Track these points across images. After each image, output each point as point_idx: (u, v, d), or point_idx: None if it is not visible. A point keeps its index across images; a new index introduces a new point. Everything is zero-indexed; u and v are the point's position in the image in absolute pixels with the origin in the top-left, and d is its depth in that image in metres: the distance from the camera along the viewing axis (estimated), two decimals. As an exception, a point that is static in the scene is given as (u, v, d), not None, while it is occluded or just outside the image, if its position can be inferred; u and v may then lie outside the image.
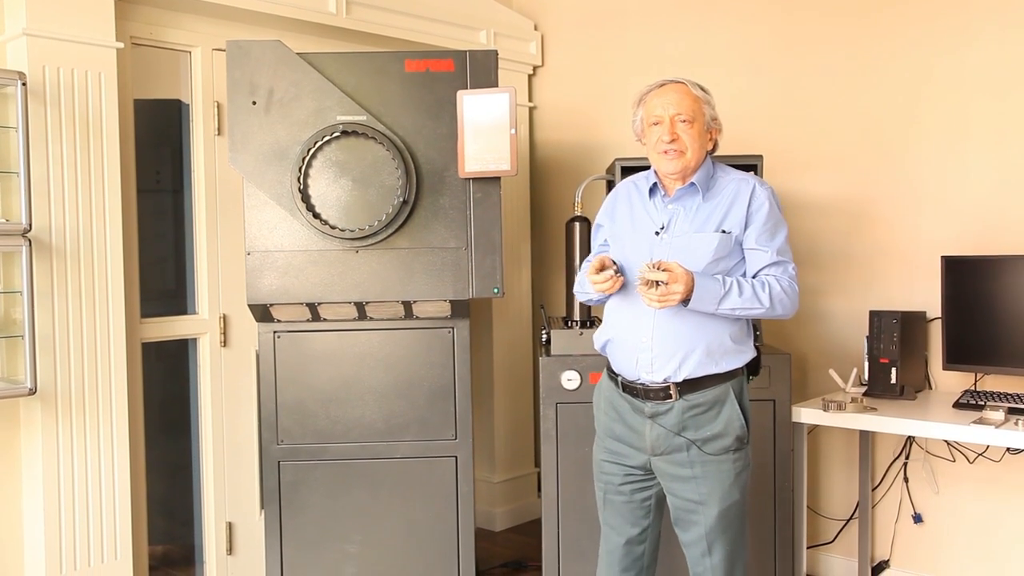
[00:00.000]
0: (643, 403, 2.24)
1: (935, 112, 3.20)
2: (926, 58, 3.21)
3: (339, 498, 2.98)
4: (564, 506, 3.02)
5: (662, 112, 2.21)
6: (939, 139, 3.20)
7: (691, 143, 2.20)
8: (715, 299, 2.13)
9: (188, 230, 3.30)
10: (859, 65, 3.36)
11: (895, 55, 3.28)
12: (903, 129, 3.27)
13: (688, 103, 2.21)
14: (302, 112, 2.83)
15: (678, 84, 2.25)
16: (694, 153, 2.21)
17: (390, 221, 2.82)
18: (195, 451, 3.33)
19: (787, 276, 2.21)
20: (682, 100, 2.21)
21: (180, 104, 3.28)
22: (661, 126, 2.21)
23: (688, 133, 2.20)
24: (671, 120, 2.20)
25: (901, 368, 3.01)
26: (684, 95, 2.22)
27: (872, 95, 3.34)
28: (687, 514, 2.26)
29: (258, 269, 2.84)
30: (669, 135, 2.19)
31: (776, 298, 2.17)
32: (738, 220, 2.21)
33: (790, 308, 2.21)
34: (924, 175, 3.24)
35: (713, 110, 2.26)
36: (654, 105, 2.23)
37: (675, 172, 2.22)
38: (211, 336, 3.28)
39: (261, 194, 2.83)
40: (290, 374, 2.96)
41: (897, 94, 3.28)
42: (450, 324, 2.98)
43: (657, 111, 2.22)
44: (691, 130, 2.20)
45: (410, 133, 2.85)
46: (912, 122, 3.25)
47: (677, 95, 2.22)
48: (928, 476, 3.25)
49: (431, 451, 2.99)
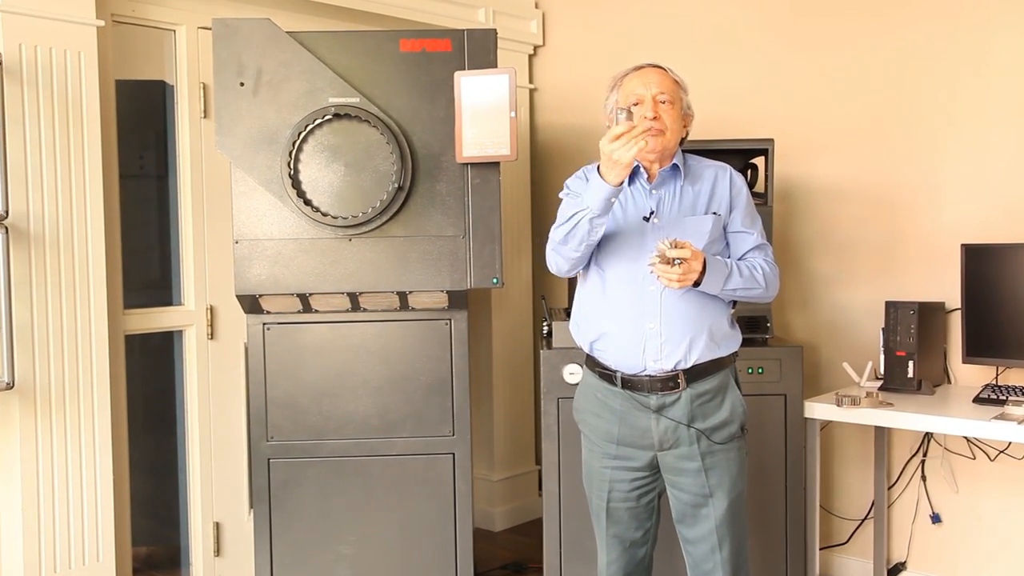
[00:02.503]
0: (647, 397, 2.25)
1: (956, 92, 3.20)
2: (948, 36, 3.21)
3: (332, 497, 2.99)
4: (566, 505, 3.03)
5: (643, 91, 2.25)
6: (960, 121, 3.20)
7: (671, 123, 2.25)
8: (722, 278, 2.19)
9: (173, 217, 3.30)
10: (876, 43, 3.35)
11: (915, 33, 3.27)
12: (922, 111, 3.27)
13: (669, 84, 2.28)
14: (292, 94, 2.82)
15: (657, 67, 2.32)
16: (673, 134, 2.26)
17: (384, 208, 2.82)
18: (181, 448, 3.33)
19: (770, 258, 2.33)
20: (663, 81, 2.27)
21: (164, 85, 3.27)
22: (642, 105, 2.24)
23: (669, 113, 2.25)
24: (652, 99, 2.24)
25: (919, 361, 3.02)
26: (664, 77, 2.29)
27: (889, 74, 3.34)
28: (695, 509, 2.29)
29: (247, 258, 2.84)
30: (652, 111, 2.23)
31: (768, 280, 2.29)
32: (724, 203, 2.31)
33: (775, 290, 2.32)
34: (944, 159, 3.24)
35: (688, 98, 2.33)
36: (634, 85, 2.28)
37: (655, 151, 2.24)
38: (198, 328, 3.29)
39: (249, 180, 2.83)
40: (280, 368, 2.96)
41: (916, 74, 3.28)
42: (447, 316, 2.98)
43: (638, 90, 2.26)
44: (671, 111, 2.26)
45: (405, 116, 2.85)
46: (932, 103, 3.25)
47: (658, 76, 2.29)
48: (947, 474, 3.26)
49: (428, 448, 3.00)
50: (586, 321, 2.34)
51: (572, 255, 2.24)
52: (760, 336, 3.08)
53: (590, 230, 2.17)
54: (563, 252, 2.25)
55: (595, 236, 2.19)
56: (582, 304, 2.37)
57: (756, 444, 2.50)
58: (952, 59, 3.20)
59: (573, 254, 2.24)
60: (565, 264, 2.29)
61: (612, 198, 2.12)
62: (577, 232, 2.19)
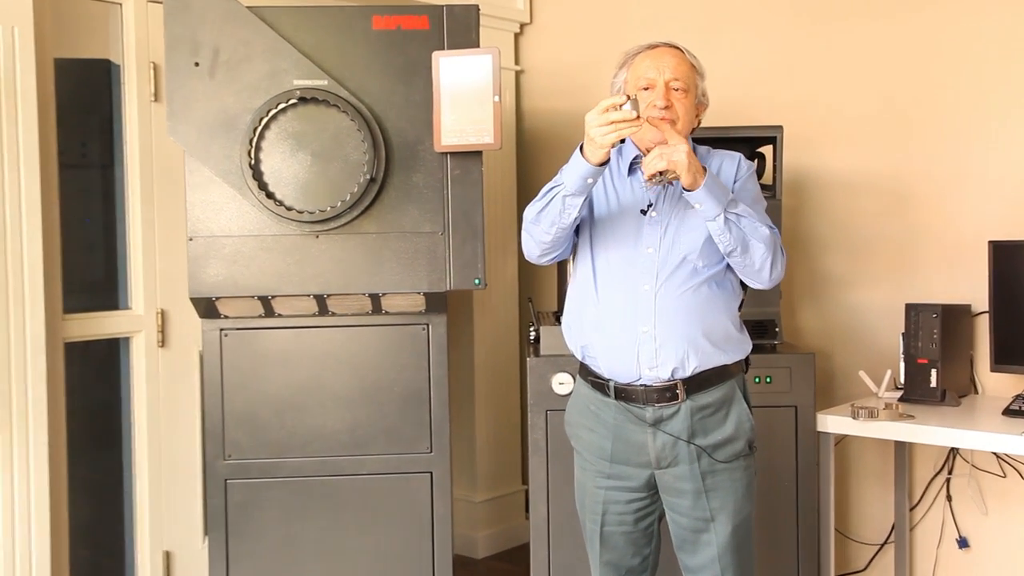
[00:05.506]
0: (643, 409, 2.25)
1: (981, 76, 3.23)
2: (973, 15, 3.23)
3: (296, 522, 2.98)
4: (556, 530, 3.03)
5: (655, 75, 2.23)
6: (987, 106, 3.22)
7: (684, 114, 2.23)
8: (725, 196, 2.13)
9: (119, 211, 3.28)
10: (895, 22, 3.37)
11: (938, 12, 3.29)
12: (946, 95, 3.29)
13: (684, 70, 2.24)
14: (253, 75, 2.82)
15: (673, 48, 2.28)
16: (684, 126, 2.23)
17: (355, 202, 2.82)
18: (127, 469, 3.31)
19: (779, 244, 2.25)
20: (679, 65, 2.24)
21: (109, 65, 3.25)
22: (652, 91, 2.22)
23: (682, 102, 2.23)
24: (665, 85, 2.22)
25: (942, 370, 3.04)
26: (680, 60, 2.25)
27: (909, 56, 3.36)
28: (695, 535, 2.29)
29: (202, 257, 2.84)
30: (663, 100, 2.20)
31: (775, 245, 2.20)
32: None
33: (780, 270, 2.24)
34: (970, 148, 3.26)
35: (704, 84, 2.30)
36: (645, 67, 2.25)
37: (656, 142, 2.20)
38: (147, 335, 3.27)
39: (205, 170, 2.82)
40: (239, 378, 2.96)
41: (939, 55, 3.30)
42: (424, 320, 2.98)
43: (650, 73, 2.23)
44: (685, 100, 2.23)
45: (378, 101, 2.85)
46: (955, 88, 3.27)
47: (673, 59, 2.25)
48: (975, 494, 3.28)
49: (403, 466, 3.00)
50: (578, 323, 2.34)
51: (543, 238, 2.24)
52: (768, 342, 3.10)
53: (562, 209, 2.16)
54: (534, 233, 2.26)
55: (567, 218, 2.18)
56: (573, 304, 2.37)
57: (764, 461, 2.50)
58: (978, 39, 3.22)
59: (544, 236, 2.23)
60: (535, 248, 2.29)
61: (590, 179, 2.12)
62: (550, 210, 2.19)
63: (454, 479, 3.38)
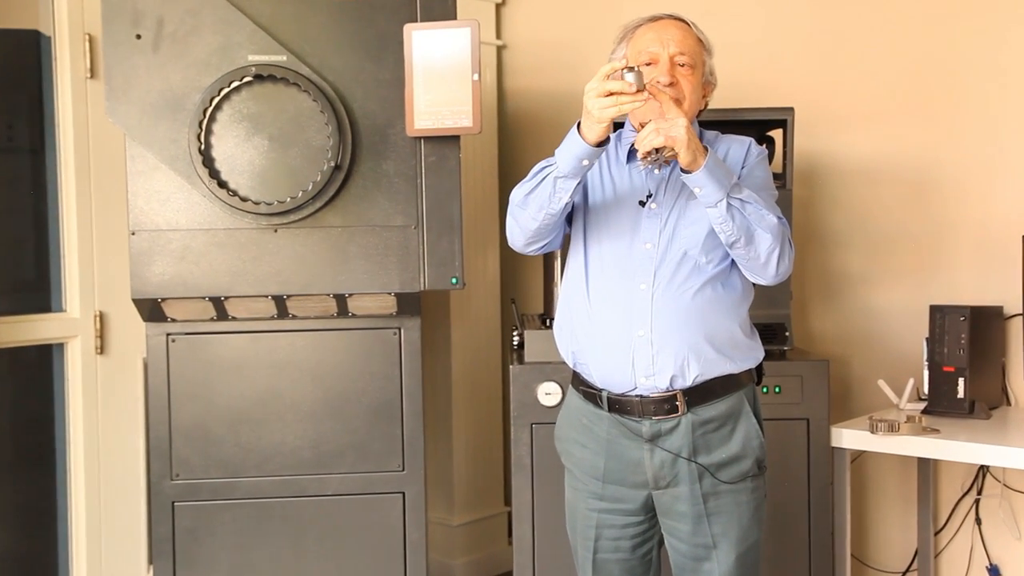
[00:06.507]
0: (639, 422, 2.25)
1: (1014, 53, 3.24)
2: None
3: (252, 549, 2.98)
4: (542, 556, 3.04)
5: (659, 49, 2.22)
6: (1019, 86, 3.24)
7: (690, 93, 2.22)
8: (728, 179, 2.11)
9: (52, 202, 3.27)
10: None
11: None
12: (974, 75, 3.31)
13: (691, 44, 2.24)
14: (203, 50, 2.81)
15: (678, 20, 2.28)
16: (691, 106, 2.23)
17: (318, 192, 2.81)
18: (61, 490, 3.30)
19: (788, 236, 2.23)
20: (684, 39, 2.24)
21: (39, 36, 3.24)
22: (656, 66, 2.22)
23: (688, 79, 2.22)
24: (670, 59, 2.21)
25: (971, 378, 3.05)
26: (687, 34, 2.25)
27: (934, 32, 3.37)
28: (695, 563, 2.29)
29: (146, 254, 2.83)
30: (668, 76, 2.20)
31: (786, 236, 2.18)
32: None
33: (787, 264, 2.21)
34: (999, 133, 3.28)
35: (712, 62, 2.30)
36: (648, 40, 2.24)
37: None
38: (83, 340, 3.25)
39: (149, 156, 2.81)
40: (188, 389, 2.95)
41: (965, 31, 3.31)
42: (396, 324, 2.99)
43: (653, 47, 2.23)
44: (692, 77, 2.23)
45: (344, 79, 2.85)
46: (986, 66, 3.29)
47: (679, 32, 2.25)
48: (1007, 517, 3.29)
49: (372, 486, 3.00)
50: (568, 326, 2.34)
51: (529, 224, 2.23)
52: (777, 348, 3.10)
53: (552, 193, 2.15)
54: (520, 218, 2.25)
55: (557, 203, 2.16)
56: (563, 304, 2.37)
57: (773, 479, 2.50)
58: (1008, 13, 3.24)
59: (531, 223, 2.22)
60: (520, 236, 2.28)
61: (586, 160, 2.09)
62: (539, 193, 2.17)
63: (429, 500, 3.38)
